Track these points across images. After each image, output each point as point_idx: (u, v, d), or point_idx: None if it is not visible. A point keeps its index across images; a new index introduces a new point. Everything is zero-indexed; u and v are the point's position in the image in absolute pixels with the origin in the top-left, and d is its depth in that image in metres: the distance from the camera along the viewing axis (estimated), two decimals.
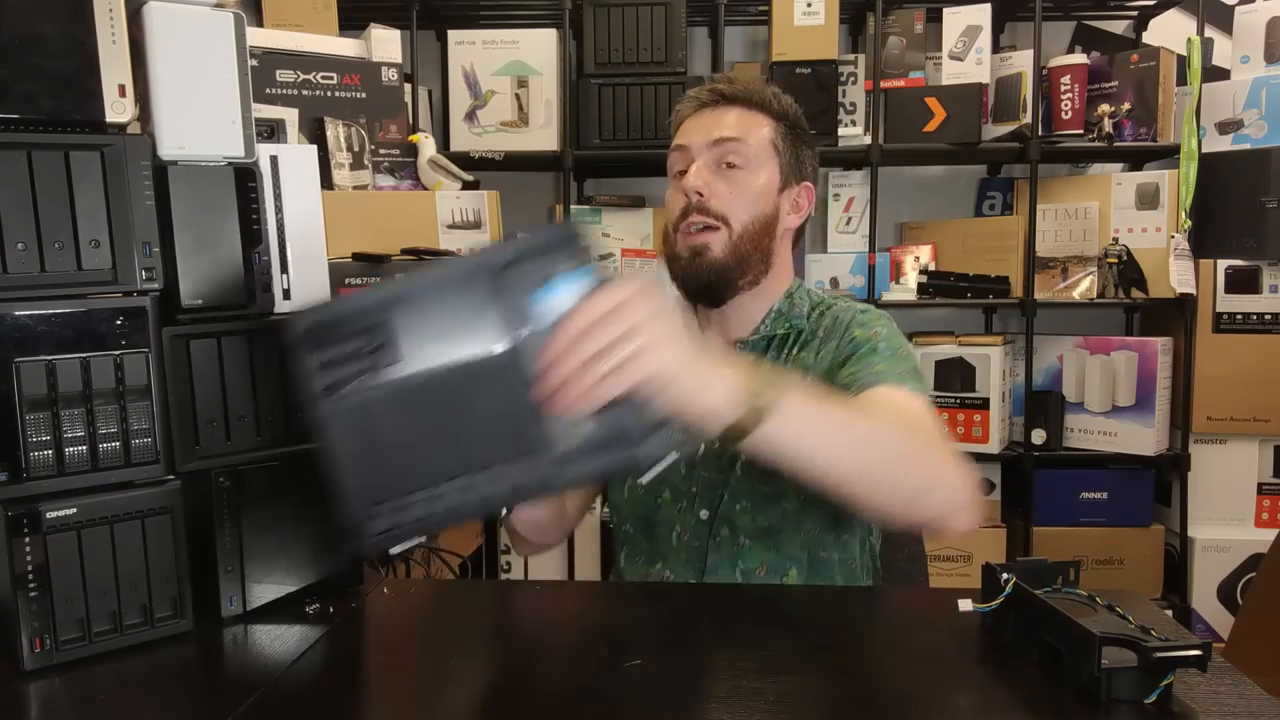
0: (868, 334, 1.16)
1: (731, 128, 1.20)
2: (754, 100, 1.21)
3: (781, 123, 1.22)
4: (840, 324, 1.20)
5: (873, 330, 1.16)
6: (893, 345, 1.14)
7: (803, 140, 1.24)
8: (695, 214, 1.17)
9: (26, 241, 0.86)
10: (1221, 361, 2.49)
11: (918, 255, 2.71)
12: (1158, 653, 0.77)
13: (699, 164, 1.19)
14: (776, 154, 1.21)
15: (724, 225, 1.17)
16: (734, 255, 1.18)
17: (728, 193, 1.18)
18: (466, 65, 2.59)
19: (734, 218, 1.17)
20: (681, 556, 1.21)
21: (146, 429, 0.92)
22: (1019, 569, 0.93)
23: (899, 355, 1.13)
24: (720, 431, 0.79)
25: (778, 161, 1.21)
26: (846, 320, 1.19)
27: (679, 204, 1.20)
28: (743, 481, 1.17)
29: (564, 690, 0.83)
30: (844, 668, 0.89)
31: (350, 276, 1.83)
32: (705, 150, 1.19)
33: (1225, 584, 2.52)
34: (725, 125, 1.20)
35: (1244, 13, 2.52)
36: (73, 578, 0.88)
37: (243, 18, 0.95)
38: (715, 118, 1.21)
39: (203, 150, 0.94)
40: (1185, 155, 2.45)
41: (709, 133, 1.20)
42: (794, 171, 1.23)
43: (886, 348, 1.13)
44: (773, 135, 1.21)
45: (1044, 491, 2.58)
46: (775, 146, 1.21)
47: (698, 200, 1.17)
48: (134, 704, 0.82)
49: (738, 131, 1.19)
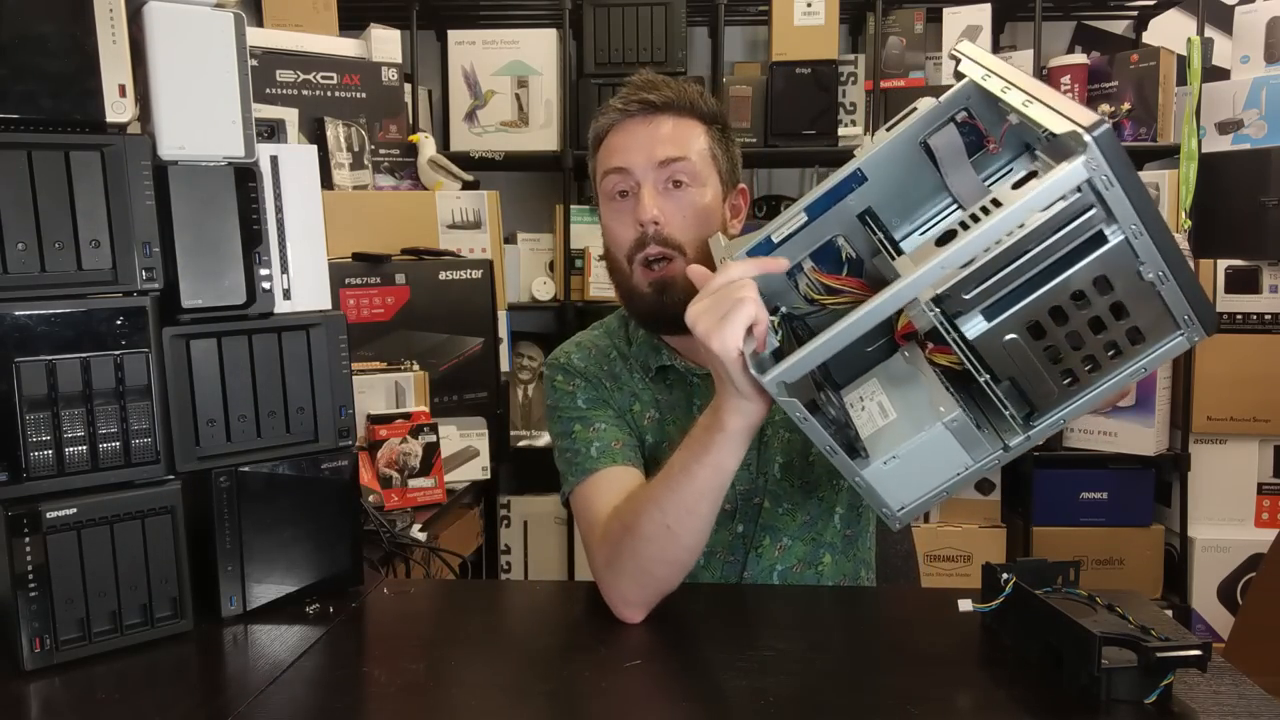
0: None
1: (673, 144, 1.12)
2: (685, 106, 1.14)
3: (714, 126, 1.16)
4: None
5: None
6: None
7: (730, 140, 1.19)
8: (653, 244, 1.10)
9: (26, 241, 0.86)
10: (1221, 361, 2.49)
11: None
12: (1158, 653, 0.77)
13: (648, 189, 1.11)
14: (715, 163, 1.15)
15: (679, 253, 1.11)
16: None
17: (680, 217, 1.11)
18: (466, 65, 2.59)
19: (688, 243, 1.11)
20: (712, 573, 1.18)
21: (146, 429, 0.92)
22: (1019, 569, 0.93)
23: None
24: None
25: (717, 171, 1.15)
26: None
27: (629, 234, 1.12)
28: (781, 482, 1.15)
29: (564, 690, 0.83)
30: (844, 668, 0.89)
31: (350, 276, 1.83)
32: (650, 172, 1.11)
33: (1225, 584, 2.52)
34: (665, 142, 1.12)
35: (1244, 13, 2.51)
36: (73, 578, 0.88)
37: (243, 18, 0.95)
38: (651, 132, 1.12)
39: (203, 150, 0.94)
40: (1185, 155, 2.45)
41: (650, 152, 1.11)
42: (731, 177, 1.17)
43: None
44: (709, 144, 1.15)
45: (1044, 491, 2.58)
46: (714, 156, 1.15)
47: (654, 230, 1.10)
48: (134, 704, 0.82)
49: (679, 148, 1.11)
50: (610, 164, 1.13)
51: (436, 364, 1.90)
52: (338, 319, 1.05)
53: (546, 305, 2.62)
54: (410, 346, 1.88)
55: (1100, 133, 0.69)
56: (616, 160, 1.13)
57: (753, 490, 1.16)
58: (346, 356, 1.05)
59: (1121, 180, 0.72)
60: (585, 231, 2.68)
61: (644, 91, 1.13)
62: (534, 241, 2.70)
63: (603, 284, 2.58)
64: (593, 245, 2.62)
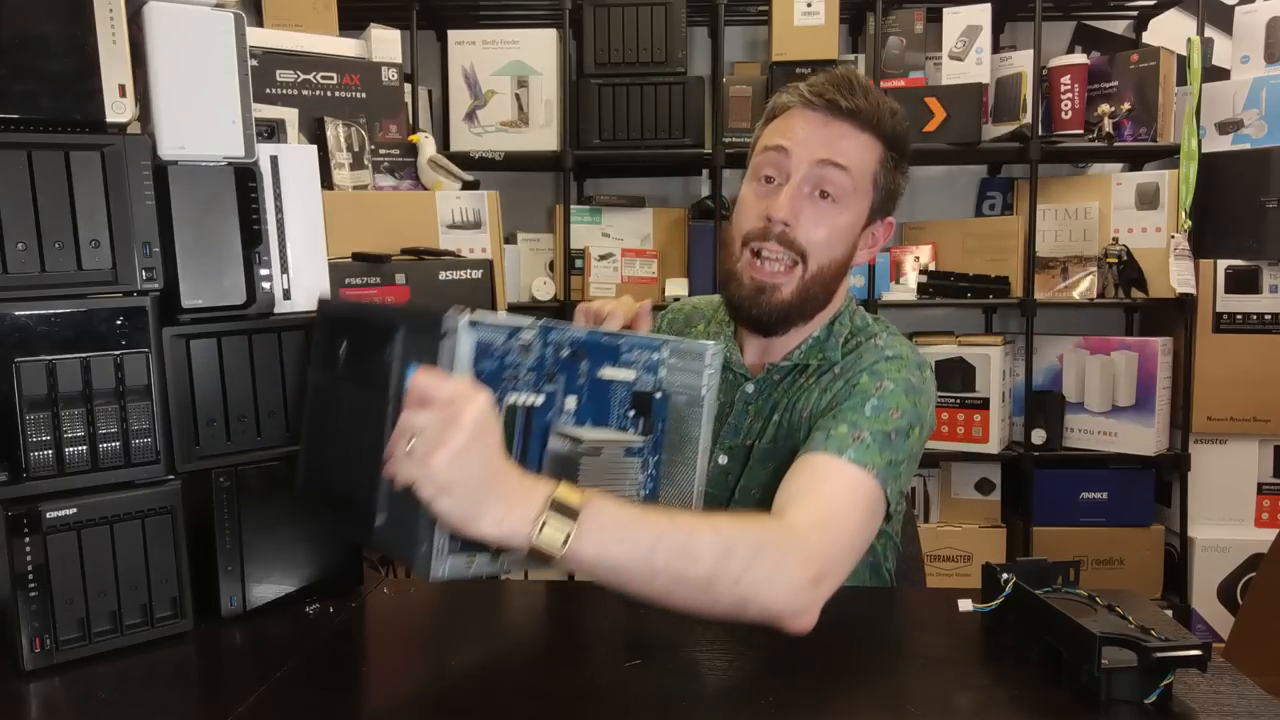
0: (872, 384, 1.06)
1: (843, 152, 1.08)
2: (870, 120, 1.09)
3: (891, 150, 1.12)
4: (859, 364, 1.10)
5: (880, 382, 1.06)
6: (885, 405, 1.04)
7: (902, 171, 1.14)
8: (775, 242, 1.08)
9: (26, 241, 0.86)
10: (1221, 361, 2.49)
11: (918, 255, 2.71)
12: (1158, 653, 0.77)
13: (794, 186, 1.07)
14: (874, 189, 1.11)
15: (800, 262, 1.08)
16: (801, 297, 1.10)
17: (814, 226, 1.08)
18: (466, 65, 2.59)
19: (813, 255, 1.08)
20: None
21: (147, 429, 0.92)
22: (1019, 569, 0.93)
23: (882, 417, 1.03)
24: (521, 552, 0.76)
25: (871, 198, 1.11)
26: (868, 362, 1.10)
27: (756, 220, 1.09)
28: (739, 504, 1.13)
29: (564, 690, 0.83)
30: (844, 668, 0.89)
31: (350, 276, 1.82)
32: (806, 167, 1.08)
33: (1225, 584, 2.52)
34: (836, 147, 1.08)
35: (1244, 13, 2.51)
36: (73, 578, 0.88)
37: (243, 18, 0.95)
38: (827, 131, 1.08)
39: (203, 150, 0.94)
40: (1185, 155, 2.45)
41: (815, 149, 1.08)
42: (882, 208, 1.14)
43: (875, 407, 1.04)
44: (877, 167, 1.11)
45: (1044, 491, 2.58)
46: (875, 180, 1.11)
47: (781, 230, 1.07)
48: (134, 704, 0.82)
49: (846, 159, 1.08)
50: (771, 141, 1.11)
51: None
52: None
53: (546, 305, 2.62)
54: None
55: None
56: (778, 139, 1.10)
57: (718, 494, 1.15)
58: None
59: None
60: (585, 231, 2.68)
61: (835, 90, 1.09)
62: (534, 241, 2.70)
63: (603, 284, 2.58)
64: (593, 245, 2.63)
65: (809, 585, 0.87)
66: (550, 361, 0.84)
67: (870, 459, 0.99)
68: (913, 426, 1.05)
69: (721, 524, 0.85)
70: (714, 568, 0.82)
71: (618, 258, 2.59)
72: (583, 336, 0.86)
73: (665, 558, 0.80)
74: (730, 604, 0.84)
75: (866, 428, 1.01)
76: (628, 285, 2.58)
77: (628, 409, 0.90)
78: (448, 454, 0.71)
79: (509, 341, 0.81)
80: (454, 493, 0.72)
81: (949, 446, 2.57)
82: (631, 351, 0.90)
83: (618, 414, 0.90)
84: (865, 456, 0.99)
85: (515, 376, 0.82)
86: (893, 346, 1.12)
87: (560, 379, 0.85)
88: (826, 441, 1.00)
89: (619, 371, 0.89)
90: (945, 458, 2.62)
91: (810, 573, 0.87)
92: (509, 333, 0.80)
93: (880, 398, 1.05)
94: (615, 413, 0.90)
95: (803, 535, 0.89)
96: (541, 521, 0.75)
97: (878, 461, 0.99)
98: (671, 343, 0.92)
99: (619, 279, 2.58)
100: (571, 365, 0.86)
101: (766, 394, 1.16)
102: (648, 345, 0.91)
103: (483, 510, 0.73)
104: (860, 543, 0.97)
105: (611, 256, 2.59)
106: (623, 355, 0.89)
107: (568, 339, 0.85)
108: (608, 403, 0.89)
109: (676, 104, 2.49)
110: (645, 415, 0.91)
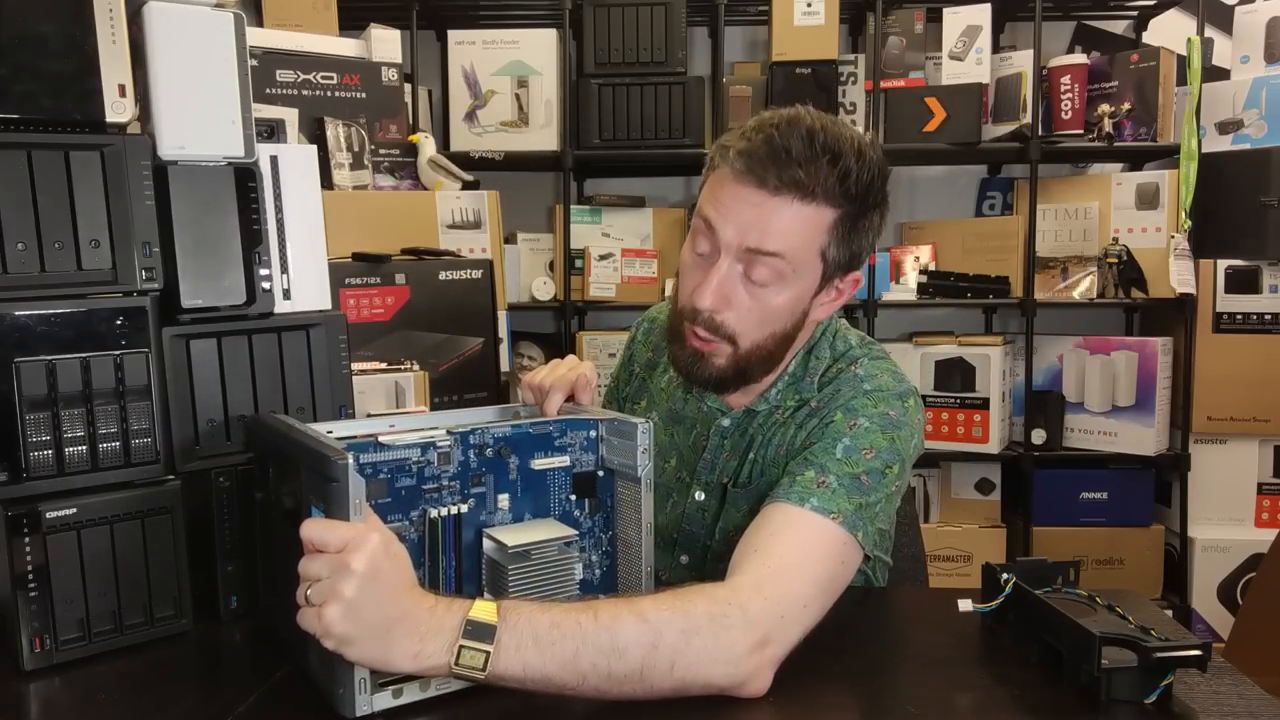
0: (845, 423, 1.01)
1: (775, 236, 0.96)
2: (814, 189, 0.95)
3: (846, 208, 0.98)
4: (834, 400, 1.05)
5: (854, 420, 1.01)
6: (858, 444, 0.99)
7: (865, 225, 1.01)
8: (703, 327, 1.01)
9: (26, 241, 0.86)
10: (1221, 361, 2.49)
11: (918, 255, 2.71)
12: (1158, 653, 0.77)
13: (720, 273, 0.98)
14: (823, 261, 1.00)
15: (731, 344, 1.02)
16: (737, 368, 1.04)
17: (746, 312, 1.00)
18: (466, 65, 2.59)
19: (744, 337, 1.01)
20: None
21: (146, 429, 0.92)
22: (1019, 569, 0.93)
23: (853, 459, 0.98)
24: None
25: (821, 268, 1.01)
26: (844, 398, 1.04)
27: (686, 297, 1.03)
28: (720, 546, 1.10)
29: None
30: (844, 667, 0.89)
31: (350, 276, 1.83)
32: (734, 252, 0.98)
33: (1225, 584, 2.52)
34: (767, 232, 0.96)
35: (1244, 13, 2.51)
36: (73, 578, 0.88)
37: (243, 18, 0.95)
38: (758, 212, 0.96)
39: (203, 150, 0.94)
40: (1185, 155, 2.45)
41: (743, 233, 0.97)
42: (839, 269, 1.02)
43: (847, 448, 0.99)
44: (826, 239, 0.98)
45: (1044, 491, 2.58)
46: (823, 253, 0.99)
47: (708, 317, 1.00)
48: (134, 704, 0.82)
49: (779, 243, 0.96)
50: (702, 209, 1.02)
51: (436, 364, 1.90)
52: (338, 319, 1.04)
53: (546, 305, 2.62)
54: (410, 346, 1.88)
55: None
56: (707, 209, 1.00)
57: (695, 531, 1.14)
58: (347, 356, 1.05)
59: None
60: (585, 231, 2.68)
61: (769, 161, 0.95)
62: (534, 241, 2.70)
63: (603, 284, 2.58)
64: (592, 245, 2.63)
65: (751, 652, 0.81)
66: (475, 465, 0.84)
67: (835, 505, 0.93)
68: (889, 466, 0.99)
69: (649, 610, 0.80)
70: (644, 660, 0.77)
71: (618, 258, 2.59)
72: (507, 433, 0.85)
73: (591, 658, 0.76)
74: (671, 688, 0.79)
75: (834, 471, 0.96)
76: (628, 285, 2.58)
77: (569, 494, 0.89)
78: (341, 607, 0.71)
79: (426, 454, 0.81)
80: (354, 643, 0.72)
81: (949, 446, 2.57)
82: (564, 435, 0.89)
83: (558, 500, 0.89)
84: (830, 504, 0.93)
85: (438, 488, 0.81)
86: (872, 377, 1.05)
87: (488, 479, 0.85)
88: (790, 490, 0.95)
89: (552, 460, 0.88)
90: (945, 458, 2.62)
91: (752, 640, 0.81)
92: (423, 447, 0.80)
93: (854, 437, 0.99)
94: (555, 499, 0.89)
95: (742, 602, 0.83)
96: (458, 648, 0.73)
97: (844, 507, 0.94)
98: (605, 421, 0.91)
99: (619, 279, 2.58)
100: (498, 464, 0.85)
101: (742, 430, 1.11)
102: (582, 426, 0.90)
103: (393, 650, 0.73)
104: (825, 591, 0.90)
105: (611, 256, 2.59)
106: (555, 441, 0.88)
107: (491, 438, 0.84)
108: (546, 491, 0.89)
109: (676, 104, 2.49)
110: (590, 495, 0.90)
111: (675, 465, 1.17)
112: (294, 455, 0.80)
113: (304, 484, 0.78)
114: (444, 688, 0.79)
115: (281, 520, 0.85)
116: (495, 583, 0.83)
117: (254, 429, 0.93)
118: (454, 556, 0.82)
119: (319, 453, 0.74)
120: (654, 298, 2.59)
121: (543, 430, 0.88)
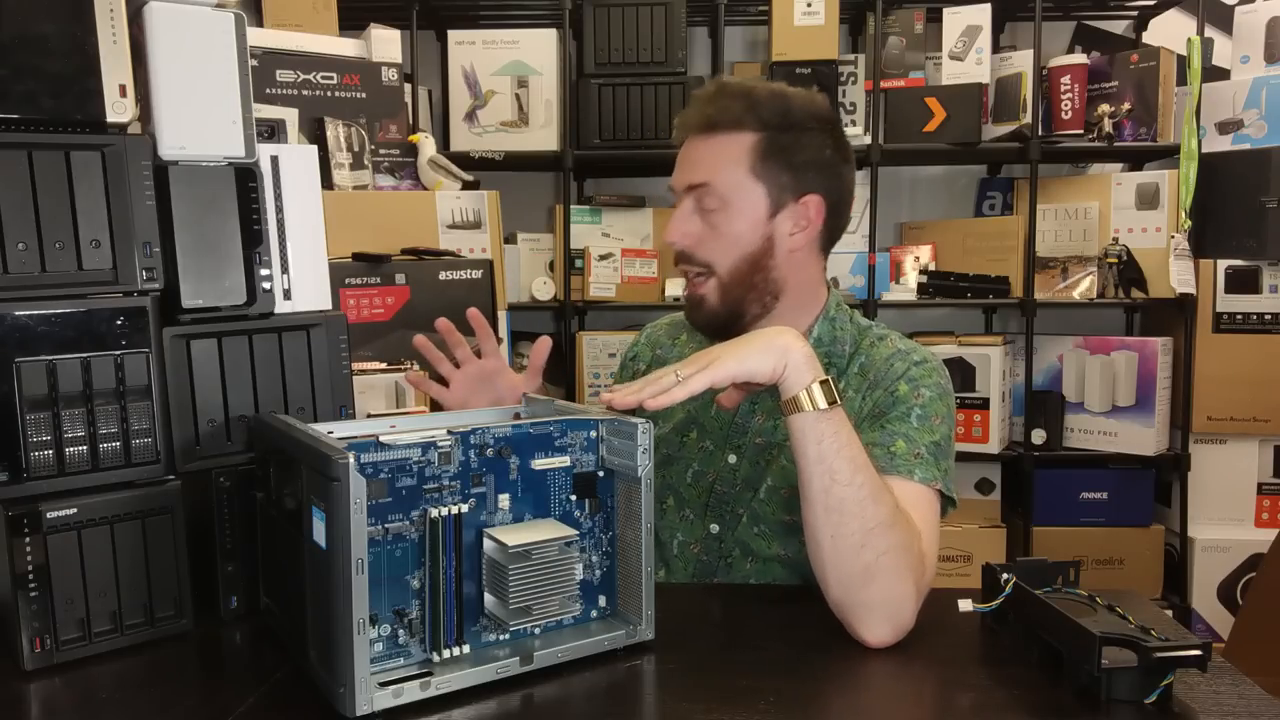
0: (911, 393, 1.10)
1: (701, 169, 1.12)
2: (729, 120, 1.11)
3: (765, 134, 1.11)
4: (891, 372, 1.13)
5: (918, 391, 1.10)
6: (928, 414, 1.09)
7: (795, 147, 1.11)
8: (683, 263, 1.16)
9: (27, 241, 0.86)
10: (1221, 361, 2.49)
11: (918, 255, 2.71)
12: (1158, 653, 0.77)
13: (679, 211, 1.14)
14: (757, 180, 1.11)
15: (709, 272, 1.13)
16: (725, 301, 1.14)
17: (709, 239, 1.13)
18: (466, 65, 2.59)
19: (718, 264, 1.13)
20: (684, 566, 1.19)
21: (147, 429, 0.92)
22: (1019, 569, 0.93)
23: (928, 426, 1.08)
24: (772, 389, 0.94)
25: (762, 188, 1.11)
26: (900, 370, 1.12)
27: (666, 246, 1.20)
28: (765, 505, 1.14)
29: (561, 689, 0.83)
30: (844, 668, 0.89)
31: (350, 276, 1.83)
32: (683, 195, 1.14)
33: (1225, 584, 2.52)
34: (695, 167, 1.13)
35: (1244, 13, 2.51)
36: (73, 578, 0.88)
37: (243, 18, 0.95)
38: (689, 154, 1.15)
39: (203, 150, 0.94)
40: (1185, 155, 2.45)
41: (681, 176, 1.15)
42: (787, 189, 1.12)
43: (920, 415, 1.08)
44: (751, 160, 1.11)
45: (1044, 491, 2.58)
46: (754, 172, 1.11)
47: (679, 251, 1.15)
48: (134, 704, 0.82)
49: (705, 174, 1.11)
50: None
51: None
52: (338, 319, 1.05)
53: (546, 305, 2.62)
54: (410, 346, 1.87)
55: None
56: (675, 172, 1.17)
57: (729, 493, 1.17)
58: (347, 357, 1.05)
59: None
60: (585, 231, 2.68)
61: (690, 111, 1.15)
62: (534, 241, 2.70)
63: (603, 284, 2.58)
64: (593, 245, 2.63)
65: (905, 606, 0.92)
66: (475, 465, 0.84)
67: (934, 474, 1.05)
68: (951, 430, 1.12)
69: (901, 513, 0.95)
70: (886, 520, 0.92)
71: (618, 258, 2.59)
72: (508, 434, 0.86)
73: (866, 481, 0.91)
74: (863, 567, 0.90)
75: (921, 441, 1.07)
76: (628, 285, 2.58)
77: (569, 494, 0.89)
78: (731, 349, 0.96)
79: (427, 454, 0.81)
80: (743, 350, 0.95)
81: None
82: (565, 436, 0.89)
83: (559, 501, 0.89)
84: (930, 473, 1.05)
85: (438, 488, 0.82)
86: (915, 350, 1.16)
87: (489, 479, 0.85)
88: (894, 462, 1.05)
89: (553, 460, 0.88)
90: None
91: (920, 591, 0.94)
92: (424, 447, 0.80)
93: (922, 407, 1.09)
94: (556, 500, 0.89)
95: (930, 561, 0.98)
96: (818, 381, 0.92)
97: (938, 473, 1.06)
98: (605, 422, 0.91)
99: (619, 279, 2.58)
100: (499, 464, 0.85)
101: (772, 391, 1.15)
102: (582, 426, 0.90)
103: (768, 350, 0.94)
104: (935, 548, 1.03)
105: (611, 256, 2.59)
106: (555, 441, 0.89)
107: (491, 438, 0.85)
108: (546, 492, 0.89)
109: (677, 104, 2.49)
110: (591, 496, 0.91)
111: (696, 436, 1.22)
112: (295, 455, 0.80)
113: (305, 484, 0.79)
114: (444, 688, 0.79)
115: (282, 520, 0.85)
116: (495, 583, 0.83)
117: (256, 429, 0.93)
118: (454, 556, 0.82)
119: (320, 452, 0.74)
120: (654, 298, 2.59)
121: (543, 430, 0.88)
